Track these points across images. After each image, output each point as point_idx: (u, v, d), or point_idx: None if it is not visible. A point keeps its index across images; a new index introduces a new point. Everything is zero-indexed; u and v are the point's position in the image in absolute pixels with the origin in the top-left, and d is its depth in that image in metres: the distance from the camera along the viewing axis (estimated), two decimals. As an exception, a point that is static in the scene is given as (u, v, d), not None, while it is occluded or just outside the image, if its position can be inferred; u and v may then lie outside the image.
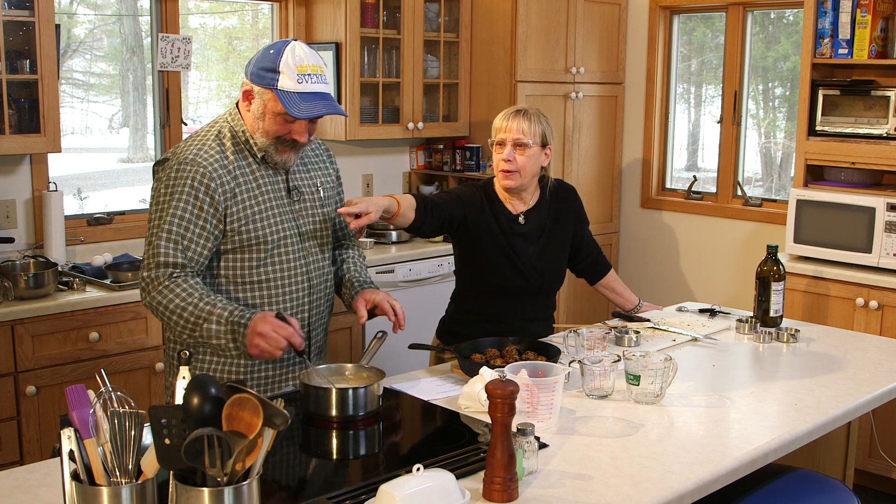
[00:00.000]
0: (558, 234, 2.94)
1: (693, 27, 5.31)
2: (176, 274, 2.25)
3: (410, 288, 4.35)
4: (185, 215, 2.25)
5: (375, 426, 2.16)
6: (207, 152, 2.30)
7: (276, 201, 2.38)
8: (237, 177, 2.32)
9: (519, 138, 2.76)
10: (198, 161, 2.28)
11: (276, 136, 2.31)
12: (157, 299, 2.25)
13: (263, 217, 2.34)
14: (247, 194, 2.33)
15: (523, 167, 2.78)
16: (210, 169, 2.27)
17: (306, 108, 2.25)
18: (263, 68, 2.26)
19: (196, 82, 4.68)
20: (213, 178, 2.27)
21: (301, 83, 2.24)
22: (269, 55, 2.26)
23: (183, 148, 2.34)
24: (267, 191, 2.37)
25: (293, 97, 2.24)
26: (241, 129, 2.36)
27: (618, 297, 3.18)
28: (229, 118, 2.39)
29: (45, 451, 3.32)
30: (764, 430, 2.14)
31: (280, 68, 2.24)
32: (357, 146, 4.87)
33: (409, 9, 4.61)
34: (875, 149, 4.03)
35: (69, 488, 1.49)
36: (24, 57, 3.51)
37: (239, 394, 1.49)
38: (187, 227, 2.26)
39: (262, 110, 2.29)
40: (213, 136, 2.35)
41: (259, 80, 2.27)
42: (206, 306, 2.22)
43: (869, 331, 3.82)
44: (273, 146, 2.33)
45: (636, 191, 5.40)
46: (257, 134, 2.33)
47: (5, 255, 3.64)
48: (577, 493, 1.77)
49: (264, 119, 2.30)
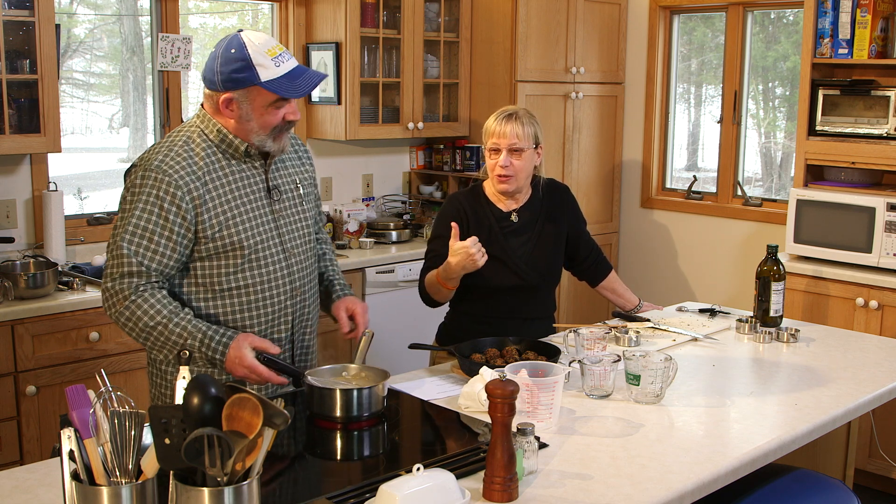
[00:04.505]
0: (551, 231, 2.95)
1: (693, 27, 5.31)
2: (142, 287, 2.18)
3: (410, 288, 4.35)
4: (150, 225, 2.18)
5: (379, 426, 2.16)
6: (174, 159, 2.21)
7: (254, 203, 2.30)
8: (206, 182, 2.23)
9: (514, 143, 2.78)
10: (163, 168, 2.19)
11: (273, 127, 2.26)
12: (124, 314, 2.18)
13: (239, 221, 2.26)
14: (220, 199, 2.24)
15: (519, 171, 2.82)
16: (177, 176, 2.19)
17: (299, 86, 2.22)
18: (235, 70, 2.18)
19: (196, 82, 4.67)
20: (180, 186, 2.19)
21: (279, 66, 2.20)
22: (232, 55, 2.18)
23: (149, 154, 2.25)
24: (245, 193, 2.29)
25: (280, 82, 2.20)
26: (214, 129, 2.27)
27: (618, 298, 3.18)
28: (199, 122, 2.30)
29: (45, 451, 3.32)
30: (764, 430, 2.14)
31: (254, 62, 2.18)
32: (357, 146, 4.87)
33: (409, 9, 4.61)
34: (875, 149, 4.03)
35: (69, 488, 1.49)
36: (24, 57, 3.51)
37: (239, 394, 1.49)
38: (151, 236, 2.18)
39: (250, 110, 2.23)
40: (181, 143, 2.26)
41: (236, 84, 2.20)
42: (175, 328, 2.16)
43: (869, 331, 3.82)
44: (270, 137, 2.28)
45: (636, 191, 5.40)
46: (251, 135, 2.26)
47: (5, 255, 3.64)
48: (577, 493, 1.78)
49: (256, 117, 2.24)
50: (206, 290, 2.28)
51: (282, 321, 2.38)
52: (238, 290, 2.29)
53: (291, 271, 2.38)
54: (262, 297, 2.32)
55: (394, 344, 3.87)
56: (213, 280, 2.27)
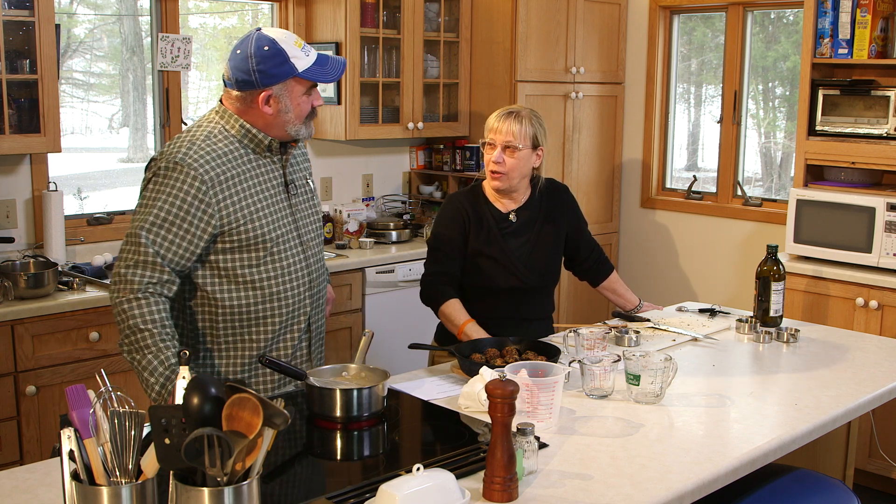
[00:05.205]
0: (550, 232, 2.95)
1: (693, 27, 5.31)
2: (151, 289, 2.18)
3: (410, 288, 4.35)
4: (170, 217, 2.19)
5: (379, 426, 2.16)
6: (197, 152, 2.24)
7: (274, 198, 2.35)
8: (231, 177, 2.26)
9: (509, 141, 2.78)
10: (187, 161, 2.21)
11: (306, 115, 2.34)
12: (122, 304, 2.18)
13: (262, 216, 2.30)
14: (243, 193, 2.27)
15: (512, 169, 2.81)
16: (202, 171, 2.21)
17: (329, 71, 2.32)
18: (274, 65, 2.24)
19: (196, 82, 4.68)
20: (205, 181, 2.21)
21: (308, 55, 2.30)
22: (267, 52, 2.23)
23: (170, 148, 2.26)
24: (265, 188, 2.33)
25: (314, 69, 2.30)
26: (237, 125, 2.31)
27: (619, 298, 3.18)
28: (217, 119, 2.33)
29: (45, 451, 3.31)
30: (764, 430, 2.14)
31: (289, 55, 2.25)
32: (357, 146, 4.87)
33: (409, 9, 4.61)
34: (875, 149, 4.03)
35: (69, 488, 1.49)
36: (24, 57, 3.51)
37: (239, 394, 1.49)
38: (170, 227, 2.19)
39: (289, 102, 2.29)
40: (203, 137, 2.28)
41: (275, 78, 2.26)
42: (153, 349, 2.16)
43: (869, 331, 3.82)
44: (304, 125, 2.36)
45: (636, 191, 5.40)
46: (287, 126, 2.32)
47: (5, 255, 3.64)
48: (576, 493, 1.78)
49: (293, 107, 2.30)
50: (228, 281, 2.31)
51: (300, 312, 2.43)
52: (260, 283, 2.33)
53: (308, 263, 2.44)
54: (282, 289, 2.36)
55: (394, 344, 3.87)
56: (237, 272, 2.31)
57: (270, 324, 2.37)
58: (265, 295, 2.34)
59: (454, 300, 2.81)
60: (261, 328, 2.36)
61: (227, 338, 2.35)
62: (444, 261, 2.85)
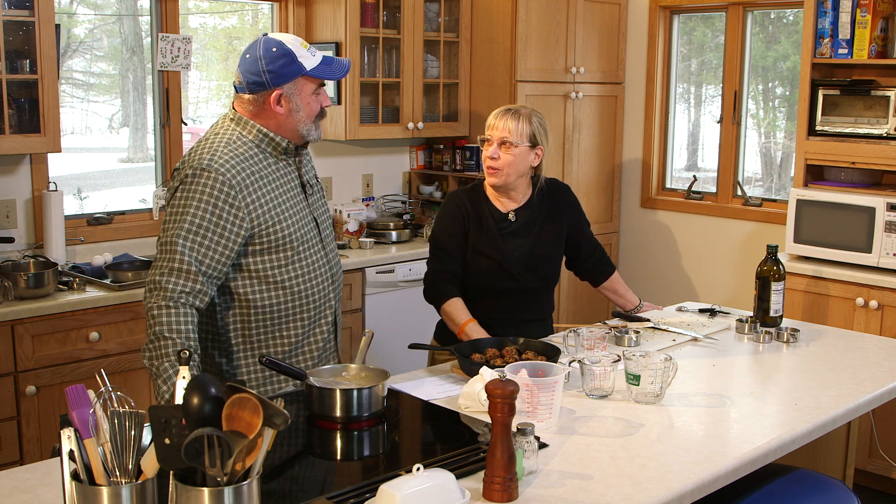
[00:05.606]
0: (551, 232, 2.95)
1: (693, 27, 5.31)
2: (183, 299, 2.19)
3: (410, 288, 4.35)
4: (203, 223, 2.21)
5: (379, 426, 2.16)
6: (223, 157, 2.26)
7: (295, 199, 2.39)
8: (256, 181, 2.29)
9: (505, 137, 2.79)
10: (213, 167, 2.24)
11: (316, 114, 2.39)
12: (153, 311, 2.18)
13: (286, 217, 2.34)
14: (268, 196, 2.31)
15: (507, 165, 2.81)
16: (229, 175, 2.24)
17: (335, 70, 2.38)
18: (283, 65, 2.29)
19: (196, 82, 4.68)
20: (233, 186, 2.24)
21: (314, 55, 2.35)
22: (275, 53, 2.28)
23: (193, 156, 2.29)
24: (286, 189, 2.37)
25: (322, 68, 2.35)
26: (254, 130, 2.34)
27: (619, 298, 3.18)
28: (233, 125, 2.36)
29: (45, 451, 3.32)
30: (764, 430, 2.14)
31: (297, 55, 2.30)
32: (357, 146, 4.87)
33: (409, 9, 4.61)
34: (875, 149, 4.03)
35: (69, 488, 1.49)
36: (24, 57, 3.51)
37: (239, 394, 1.49)
38: (206, 233, 2.21)
39: (299, 101, 2.34)
40: (224, 143, 2.31)
41: (285, 78, 2.30)
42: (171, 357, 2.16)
43: (869, 331, 3.82)
44: (314, 125, 2.39)
45: (636, 191, 5.40)
46: (299, 126, 2.36)
47: (5, 255, 3.64)
48: (576, 493, 1.78)
49: (304, 106, 2.35)
50: (259, 282, 2.34)
51: (327, 309, 2.47)
52: (289, 282, 2.37)
53: (328, 259, 2.49)
54: (309, 286, 2.41)
55: (394, 344, 3.87)
56: (267, 273, 2.34)
57: (300, 321, 2.41)
58: (294, 294, 2.38)
59: (456, 299, 2.81)
60: (290, 326, 2.40)
61: (259, 338, 2.38)
62: (445, 258, 2.86)
